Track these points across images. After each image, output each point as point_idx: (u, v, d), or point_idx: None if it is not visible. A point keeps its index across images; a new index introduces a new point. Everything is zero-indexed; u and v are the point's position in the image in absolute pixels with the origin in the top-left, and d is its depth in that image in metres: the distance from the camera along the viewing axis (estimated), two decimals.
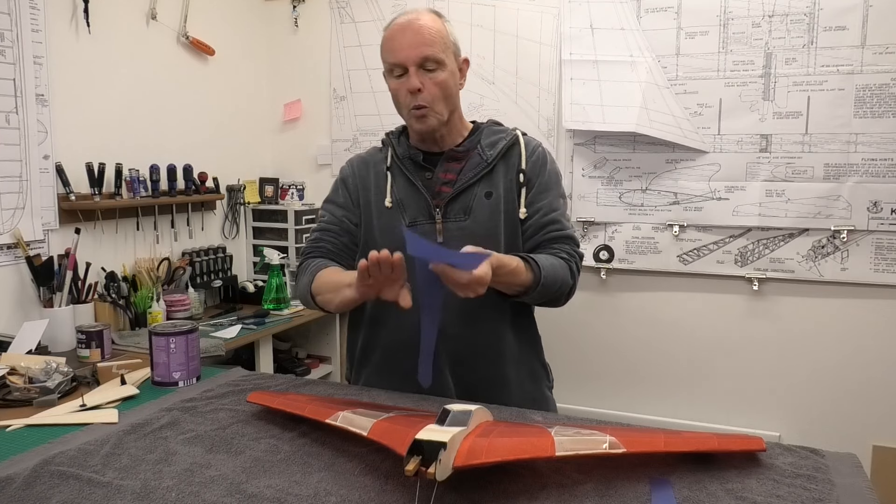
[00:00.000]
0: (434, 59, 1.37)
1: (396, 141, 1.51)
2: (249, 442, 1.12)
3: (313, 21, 3.02)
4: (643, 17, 2.49)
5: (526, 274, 1.34)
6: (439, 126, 1.43)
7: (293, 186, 3.05)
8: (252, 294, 2.79)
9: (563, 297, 1.43)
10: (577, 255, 1.46)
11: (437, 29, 1.39)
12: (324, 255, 1.49)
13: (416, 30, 1.38)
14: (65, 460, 1.04)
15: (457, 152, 1.46)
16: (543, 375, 1.57)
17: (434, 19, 1.41)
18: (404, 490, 0.93)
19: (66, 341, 1.98)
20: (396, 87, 1.41)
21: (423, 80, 1.38)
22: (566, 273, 1.41)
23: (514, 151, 1.48)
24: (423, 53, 1.37)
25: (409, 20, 1.40)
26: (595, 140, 2.60)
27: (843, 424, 2.38)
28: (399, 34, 1.39)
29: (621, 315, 2.66)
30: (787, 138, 2.35)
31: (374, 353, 1.51)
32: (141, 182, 2.42)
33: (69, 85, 2.21)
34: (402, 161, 1.47)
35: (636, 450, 0.97)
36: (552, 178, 1.49)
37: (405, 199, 1.45)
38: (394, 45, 1.40)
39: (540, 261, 1.36)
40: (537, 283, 1.34)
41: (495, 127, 1.52)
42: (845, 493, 0.93)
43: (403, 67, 1.38)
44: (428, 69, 1.38)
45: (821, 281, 2.38)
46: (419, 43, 1.37)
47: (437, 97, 1.39)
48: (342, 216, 1.50)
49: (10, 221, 2.03)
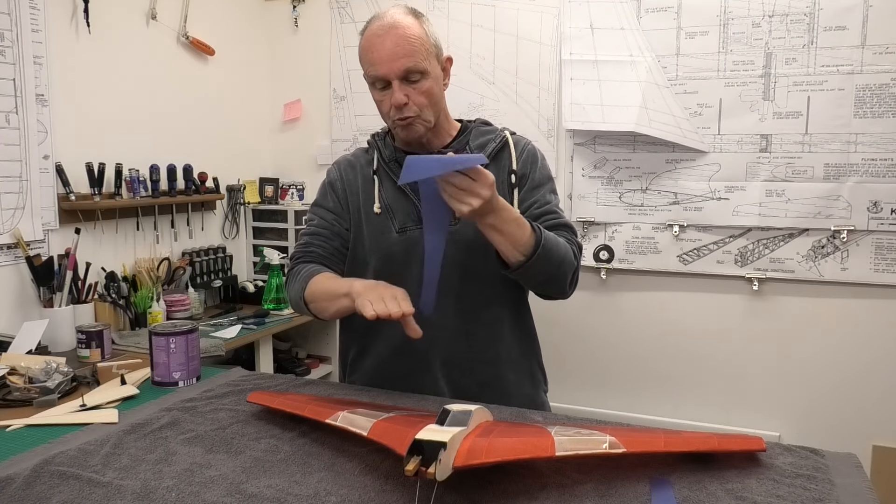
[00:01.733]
0: (417, 69, 1.31)
1: (382, 143, 1.47)
2: (249, 442, 1.12)
3: (313, 21, 3.02)
4: (643, 17, 2.49)
5: (528, 231, 1.25)
6: (426, 132, 1.39)
7: (293, 186, 3.06)
8: (252, 294, 2.79)
9: (566, 277, 1.34)
10: (577, 243, 1.39)
11: (416, 35, 1.32)
12: (315, 260, 1.45)
13: (396, 39, 1.30)
14: (65, 460, 1.04)
15: (444, 154, 1.40)
16: (541, 380, 1.55)
17: (412, 23, 1.33)
18: (404, 490, 0.93)
19: (66, 341, 1.98)
20: (380, 99, 1.36)
21: (407, 92, 1.32)
22: (568, 252, 1.33)
23: (504, 153, 1.44)
24: (404, 66, 1.30)
25: (387, 27, 1.31)
26: (595, 140, 2.60)
27: (843, 424, 2.38)
28: (378, 43, 1.31)
29: (621, 315, 2.66)
30: (787, 138, 2.35)
31: (366, 359, 1.49)
32: (141, 182, 2.42)
33: (69, 85, 2.21)
34: (389, 164, 1.44)
35: (636, 450, 0.97)
36: (544, 174, 1.45)
37: (393, 204, 1.42)
38: (373, 56, 1.32)
39: (544, 231, 1.28)
40: (538, 244, 1.24)
41: (483, 127, 1.48)
42: (845, 493, 0.93)
43: (386, 81, 1.32)
44: (412, 80, 1.32)
45: (821, 281, 2.38)
46: (400, 54, 1.30)
47: (423, 105, 1.34)
48: (333, 220, 1.47)
49: (10, 221, 2.03)
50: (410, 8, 1.38)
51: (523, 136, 1.50)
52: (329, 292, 1.34)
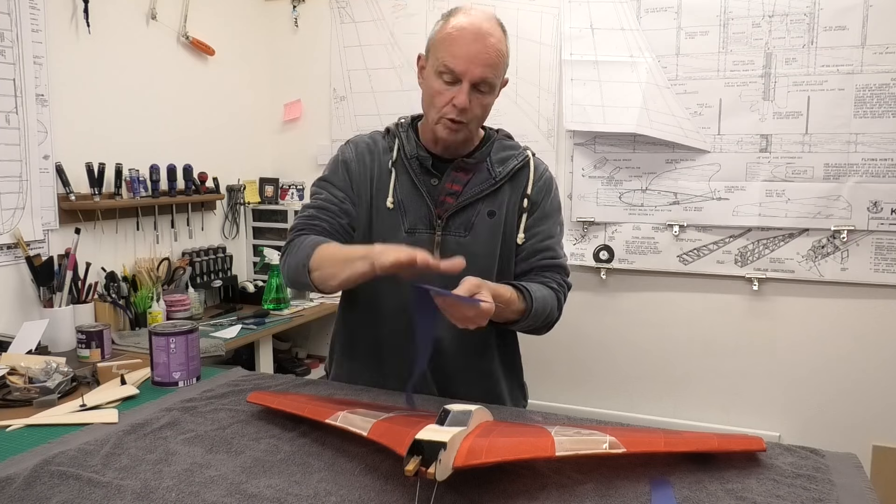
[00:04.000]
0: (490, 83, 1.32)
1: (405, 136, 1.44)
2: (249, 442, 1.12)
3: (313, 21, 3.02)
4: (643, 17, 2.49)
5: (518, 304, 1.31)
6: (465, 140, 1.40)
7: (293, 186, 3.05)
8: (252, 294, 2.79)
9: (546, 327, 1.42)
10: (567, 285, 1.44)
11: (502, 52, 1.33)
12: (319, 233, 1.38)
13: (485, 45, 1.29)
14: (65, 460, 1.04)
15: (466, 163, 1.40)
16: (520, 396, 1.56)
17: (502, 37, 1.34)
18: (404, 490, 0.93)
19: (66, 341, 1.98)
20: (439, 90, 1.33)
21: (472, 99, 1.32)
22: (554, 305, 1.39)
23: (523, 174, 1.44)
24: (483, 75, 1.30)
25: (481, 30, 1.30)
26: (595, 140, 2.60)
27: (843, 424, 2.38)
28: (466, 41, 1.29)
29: (621, 315, 2.66)
30: (787, 138, 2.35)
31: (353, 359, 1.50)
32: (141, 182, 2.42)
33: (69, 85, 2.21)
34: (409, 160, 1.41)
35: (636, 450, 0.97)
36: (554, 205, 1.47)
37: (407, 201, 1.40)
38: (456, 49, 1.30)
39: (532, 291, 1.33)
40: (528, 312, 1.32)
41: (507, 141, 1.48)
42: (845, 493, 0.93)
43: (458, 78, 1.31)
44: (480, 90, 1.33)
45: (821, 281, 2.38)
46: (484, 62, 1.30)
47: (476, 118, 1.36)
48: (342, 198, 1.42)
49: (10, 221, 2.02)
50: (498, 19, 1.36)
51: (542, 159, 1.51)
52: (342, 257, 1.26)
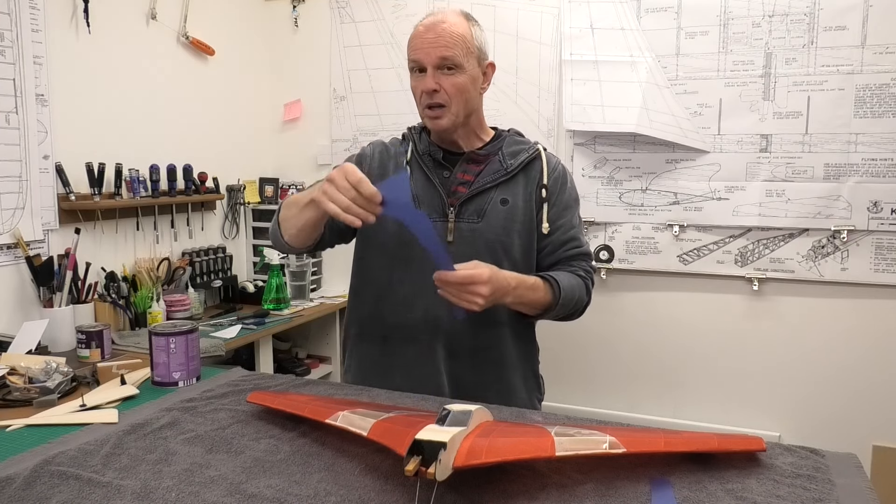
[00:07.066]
0: (452, 61, 1.40)
1: (418, 136, 1.53)
2: (249, 442, 1.12)
3: (313, 21, 3.02)
4: (643, 17, 2.49)
5: (545, 292, 1.39)
6: (453, 127, 1.44)
7: (293, 186, 3.05)
8: (252, 294, 2.79)
9: (579, 312, 1.49)
10: (592, 269, 1.51)
11: (460, 33, 1.41)
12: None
13: (440, 31, 1.40)
14: (65, 460, 1.04)
15: (477, 155, 1.48)
16: (535, 386, 1.56)
17: (460, 22, 1.42)
18: (404, 490, 0.93)
19: (66, 341, 1.98)
20: (415, 85, 1.45)
21: (440, 81, 1.40)
22: (582, 291, 1.46)
23: (536, 165, 1.50)
24: (440, 55, 1.39)
25: (435, 21, 1.42)
26: (595, 140, 2.60)
27: (843, 424, 2.38)
28: (423, 33, 1.42)
29: (621, 315, 2.66)
30: (787, 138, 2.35)
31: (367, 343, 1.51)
32: (141, 182, 2.42)
33: (69, 85, 2.21)
34: (422, 157, 1.49)
35: (636, 450, 0.97)
36: (573, 196, 1.53)
37: (420, 194, 1.46)
38: (416, 42, 1.42)
39: (560, 279, 1.40)
40: (556, 301, 1.39)
41: (518, 137, 1.55)
42: (845, 493, 0.93)
43: (422, 66, 1.41)
44: (447, 70, 1.40)
45: (821, 281, 2.38)
46: (439, 44, 1.39)
47: (452, 96, 1.41)
48: None
49: (10, 221, 2.02)
50: (466, 12, 1.48)
51: (553, 154, 1.56)
52: (294, 203, 1.37)
